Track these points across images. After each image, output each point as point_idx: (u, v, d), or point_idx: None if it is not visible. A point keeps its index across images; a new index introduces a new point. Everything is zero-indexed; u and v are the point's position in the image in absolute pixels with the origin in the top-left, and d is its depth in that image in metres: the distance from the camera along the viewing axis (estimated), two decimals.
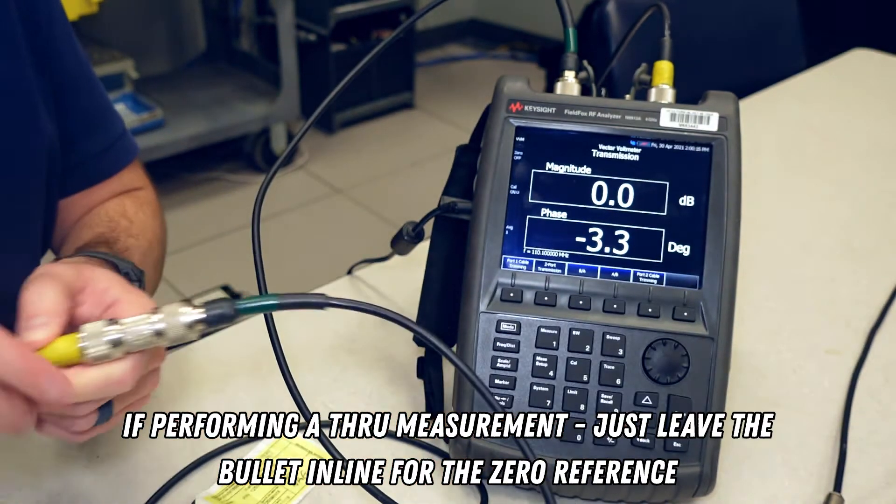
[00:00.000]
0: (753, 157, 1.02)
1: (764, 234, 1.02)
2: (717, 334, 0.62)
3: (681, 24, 0.74)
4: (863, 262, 0.98)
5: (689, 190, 0.63)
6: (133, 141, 0.87)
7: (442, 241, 0.72)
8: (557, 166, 0.64)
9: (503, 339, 0.62)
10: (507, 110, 0.65)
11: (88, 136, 0.82)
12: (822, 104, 1.42)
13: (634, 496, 0.63)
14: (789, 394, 0.77)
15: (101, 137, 0.83)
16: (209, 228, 2.64)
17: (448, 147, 0.89)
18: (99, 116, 0.83)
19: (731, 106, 0.64)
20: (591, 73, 0.68)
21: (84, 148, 0.82)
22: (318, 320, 0.86)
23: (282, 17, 2.88)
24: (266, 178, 0.66)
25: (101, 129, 0.83)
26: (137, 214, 0.82)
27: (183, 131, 2.76)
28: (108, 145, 0.84)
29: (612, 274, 0.63)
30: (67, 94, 0.78)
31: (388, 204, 2.88)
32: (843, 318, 0.88)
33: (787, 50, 1.64)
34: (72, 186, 0.83)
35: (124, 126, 0.86)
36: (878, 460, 0.70)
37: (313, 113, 0.66)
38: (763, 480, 0.68)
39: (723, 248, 0.62)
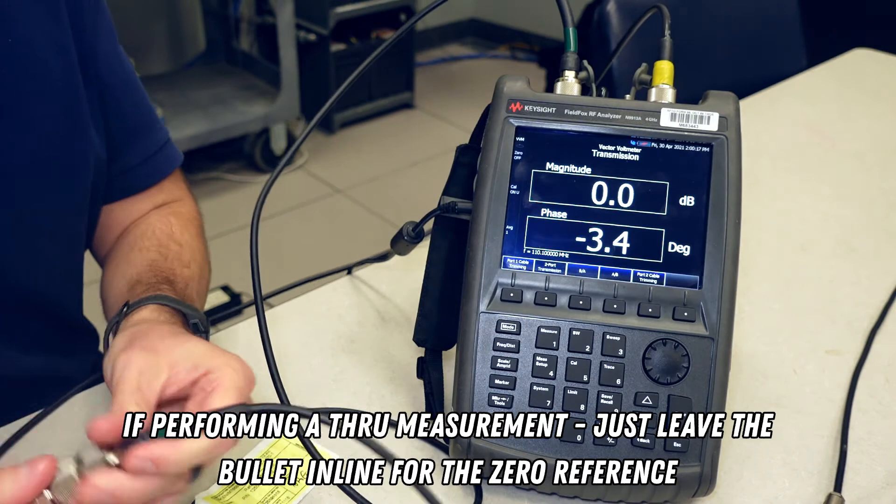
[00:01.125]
0: (753, 157, 1.02)
1: (764, 234, 1.02)
2: (718, 334, 0.62)
3: (681, 24, 0.74)
4: (863, 262, 0.98)
5: (690, 190, 0.63)
6: (175, 149, 0.88)
7: (442, 241, 0.72)
8: (557, 166, 0.64)
9: (503, 339, 0.62)
10: (507, 110, 0.64)
11: (132, 144, 0.82)
12: (822, 104, 1.42)
13: (634, 496, 0.63)
14: (789, 394, 0.77)
15: (144, 146, 0.83)
16: (209, 228, 2.62)
17: (448, 147, 0.89)
18: (142, 125, 0.84)
19: (731, 106, 0.64)
20: (591, 73, 0.68)
21: (128, 156, 0.82)
22: (319, 320, 0.86)
23: (282, 16, 2.88)
24: (266, 183, 0.66)
25: (144, 138, 0.84)
26: (184, 236, 0.82)
27: (183, 131, 2.76)
28: (152, 153, 0.84)
29: (612, 274, 0.63)
30: (112, 101, 0.78)
31: (388, 204, 2.88)
32: (844, 318, 0.88)
33: (788, 50, 1.64)
34: (115, 194, 0.83)
35: (168, 134, 0.87)
36: (879, 460, 0.70)
37: (313, 113, 0.66)
38: (763, 480, 0.68)
39: (723, 248, 0.62)
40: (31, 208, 0.73)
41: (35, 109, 0.71)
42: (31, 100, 0.71)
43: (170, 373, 0.56)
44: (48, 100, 0.72)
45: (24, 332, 0.78)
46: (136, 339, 0.60)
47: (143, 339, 0.60)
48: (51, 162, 0.73)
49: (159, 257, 0.78)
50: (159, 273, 0.74)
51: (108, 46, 0.78)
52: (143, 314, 0.66)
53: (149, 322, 0.65)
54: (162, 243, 0.80)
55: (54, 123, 0.72)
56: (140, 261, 0.77)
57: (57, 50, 0.72)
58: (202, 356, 0.57)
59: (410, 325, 0.84)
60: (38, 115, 0.71)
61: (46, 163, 0.73)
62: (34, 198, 0.73)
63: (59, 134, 0.73)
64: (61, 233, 0.78)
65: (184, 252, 0.80)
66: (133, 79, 0.82)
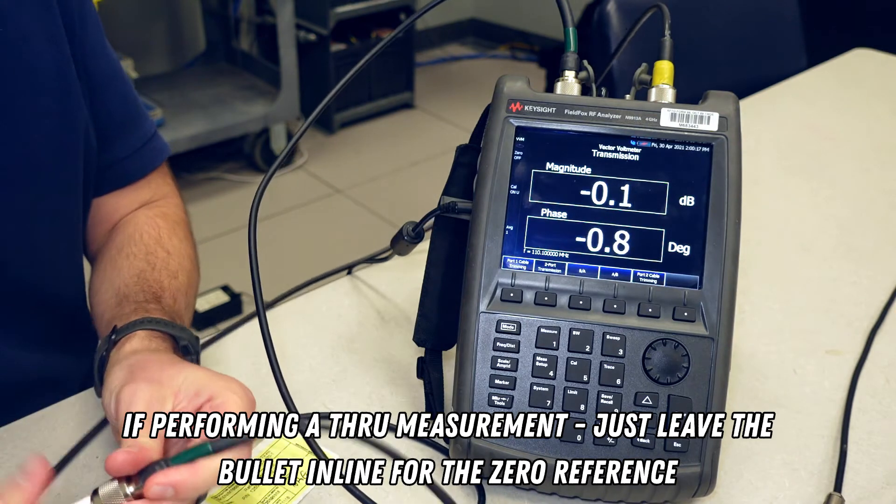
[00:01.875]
0: (753, 157, 1.02)
1: (764, 234, 1.02)
2: (717, 334, 0.62)
3: (681, 24, 0.74)
4: (863, 262, 0.98)
5: (690, 190, 0.63)
6: (163, 141, 0.89)
7: (442, 241, 0.72)
8: (557, 166, 0.64)
9: (503, 339, 0.62)
10: (507, 110, 0.64)
11: (120, 136, 0.83)
12: (822, 104, 1.42)
13: (634, 496, 0.63)
14: (789, 394, 0.77)
15: (132, 138, 0.84)
16: (209, 228, 2.64)
17: (448, 147, 0.89)
18: (130, 117, 0.84)
19: (731, 106, 0.64)
20: (591, 73, 0.68)
21: (116, 149, 0.83)
22: (319, 320, 0.86)
23: (282, 16, 2.88)
24: (262, 181, 0.66)
25: (132, 130, 0.84)
26: (172, 241, 0.83)
27: (183, 131, 2.76)
28: (140, 145, 0.85)
29: (612, 274, 0.63)
30: (100, 95, 0.79)
31: (388, 204, 2.88)
32: (844, 318, 0.88)
33: (788, 50, 1.64)
34: (104, 187, 0.84)
35: (155, 126, 0.88)
36: (879, 460, 0.70)
37: (313, 112, 0.66)
38: (763, 480, 0.68)
39: (723, 248, 0.62)
40: (29, 201, 0.74)
41: (31, 103, 0.71)
42: (27, 94, 0.71)
43: (174, 401, 0.58)
44: (44, 93, 0.72)
45: (22, 328, 0.78)
46: (135, 371, 0.61)
47: (143, 371, 0.61)
48: (47, 155, 0.73)
49: (147, 267, 0.78)
50: (147, 288, 0.75)
51: (95, 39, 0.78)
52: (134, 344, 0.67)
53: (142, 353, 0.66)
54: (150, 250, 0.80)
55: (49, 117, 0.73)
56: (128, 269, 0.78)
57: (51, 43, 0.72)
58: (204, 383, 0.59)
59: (410, 325, 0.84)
60: (34, 108, 0.71)
61: (43, 156, 0.73)
62: (31, 191, 0.73)
63: (55, 127, 0.74)
64: (59, 226, 0.79)
65: (171, 260, 0.80)
66: (120, 71, 0.83)
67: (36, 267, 0.77)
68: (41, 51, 0.71)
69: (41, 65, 0.71)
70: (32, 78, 0.71)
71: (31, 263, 0.77)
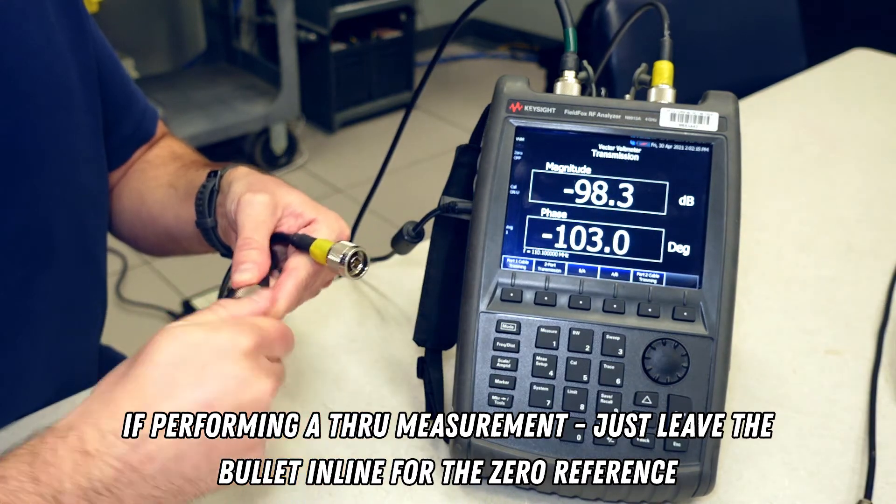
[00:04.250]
0: (753, 157, 1.02)
1: (764, 234, 1.02)
2: (717, 334, 0.62)
3: (681, 24, 0.74)
4: (863, 262, 0.98)
5: (689, 190, 0.63)
6: (151, 106, 0.93)
7: (442, 241, 0.72)
8: (557, 166, 0.64)
9: (503, 338, 0.62)
10: (507, 110, 0.65)
11: (124, 116, 0.87)
12: (822, 104, 1.42)
13: (634, 496, 0.63)
14: (789, 394, 0.77)
15: (133, 115, 0.88)
16: None
17: (448, 147, 0.89)
18: (127, 96, 0.87)
19: (731, 106, 0.64)
20: (591, 73, 0.68)
21: (121, 129, 0.87)
22: (318, 320, 0.86)
23: (282, 16, 2.88)
24: None
25: (131, 108, 0.88)
26: (185, 149, 0.91)
27: (183, 131, 2.76)
28: (139, 119, 0.89)
29: (611, 274, 0.63)
30: (104, 78, 0.81)
31: (388, 204, 2.88)
32: (844, 318, 0.88)
33: (788, 49, 1.64)
34: (112, 164, 0.87)
35: (143, 96, 0.91)
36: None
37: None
38: (763, 480, 0.68)
39: (723, 248, 0.62)
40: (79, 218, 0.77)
41: (55, 95, 0.72)
42: (52, 85, 0.72)
43: (282, 214, 0.64)
44: (74, 111, 0.74)
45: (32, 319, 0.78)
46: (254, 184, 0.66)
47: (260, 184, 0.66)
48: (70, 143, 0.75)
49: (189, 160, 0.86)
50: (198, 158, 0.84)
51: (91, 24, 0.80)
52: (244, 170, 0.71)
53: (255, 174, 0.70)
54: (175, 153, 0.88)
55: (70, 110, 0.74)
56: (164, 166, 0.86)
57: (75, 51, 0.74)
58: (308, 207, 0.65)
59: (410, 325, 0.84)
60: (57, 100, 0.73)
61: (66, 145, 0.75)
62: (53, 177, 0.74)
63: (88, 137, 0.77)
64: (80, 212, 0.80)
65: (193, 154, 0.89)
66: (112, 53, 0.85)
67: None
68: (70, 69, 0.74)
69: (72, 83, 0.74)
70: (67, 100, 0.74)
71: None
